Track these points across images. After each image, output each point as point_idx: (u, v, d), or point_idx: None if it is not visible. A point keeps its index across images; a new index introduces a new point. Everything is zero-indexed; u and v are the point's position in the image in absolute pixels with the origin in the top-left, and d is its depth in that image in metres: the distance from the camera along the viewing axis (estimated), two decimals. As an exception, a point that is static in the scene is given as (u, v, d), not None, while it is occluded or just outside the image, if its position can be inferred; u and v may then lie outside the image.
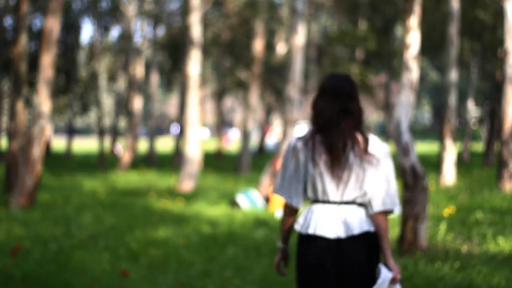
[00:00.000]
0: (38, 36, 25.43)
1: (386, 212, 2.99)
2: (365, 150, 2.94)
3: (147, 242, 8.14)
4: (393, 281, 2.95)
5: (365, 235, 2.95)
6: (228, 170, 22.32)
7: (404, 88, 7.24)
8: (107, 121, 46.77)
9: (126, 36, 27.24)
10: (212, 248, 7.85)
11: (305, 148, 2.97)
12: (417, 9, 7.26)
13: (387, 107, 28.97)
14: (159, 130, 62.67)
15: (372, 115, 62.10)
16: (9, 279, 5.96)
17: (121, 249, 7.68)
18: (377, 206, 2.96)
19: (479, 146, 34.53)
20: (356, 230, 2.94)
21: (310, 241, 2.97)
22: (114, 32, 41.21)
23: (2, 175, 15.77)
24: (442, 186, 14.25)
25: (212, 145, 42.12)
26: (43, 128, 11.59)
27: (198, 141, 15.89)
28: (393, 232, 8.28)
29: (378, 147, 2.99)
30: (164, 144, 50.53)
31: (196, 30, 15.72)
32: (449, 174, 14.87)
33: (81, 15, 29.80)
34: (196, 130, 15.79)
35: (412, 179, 6.94)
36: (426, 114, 74.84)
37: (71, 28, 30.03)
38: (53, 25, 11.52)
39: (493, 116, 21.37)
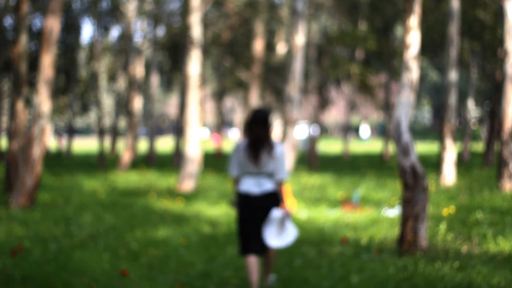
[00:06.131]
0: (38, 36, 25.45)
1: (282, 180, 5.63)
2: (270, 152, 5.53)
3: (147, 242, 8.13)
4: (286, 217, 5.58)
5: (269, 192, 5.57)
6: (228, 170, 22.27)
7: (404, 88, 7.24)
8: (107, 121, 46.77)
9: (126, 36, 27.23)
10: (212, 248, 7.84)
11: (243, 148, 5.57)
12: (417, 9, 7.26)
13: (387, 107, 28.97)
14: (159, 130, 62.67)
15: (372, 115, 62.06)
16: (9, 279, 5.96)
17: (121, 249, 7.67)
18: (278, 177, 5.58)
19: (479, 146, 34.55)
20: (265, 189, 5.57)
21: (242, 195, 5.61)
22: (114, 32, 41.15)
23: (2, 175, 15.78)
24: (442, 186, 14.24)
25: (212, 145, 42.12)
26: (43, 128, 11.59)
27: (198, 141, 15.90)
28: (393, 232, 8.28)
29: (278, 149, 5.58)
30: (164, 144, 50.55)
31: (196, 30, 15.72)
32: (449, 174, 14.87)
33: (81, 15, 29.80)
34: (196, 130, 15.79)
35: (412, 179, 6.94)
36: (426, 114, 74.83)
37: (71, 28, 30.04)
38: (53, 25, 11.52)
39: (493, 116, 21.36)
